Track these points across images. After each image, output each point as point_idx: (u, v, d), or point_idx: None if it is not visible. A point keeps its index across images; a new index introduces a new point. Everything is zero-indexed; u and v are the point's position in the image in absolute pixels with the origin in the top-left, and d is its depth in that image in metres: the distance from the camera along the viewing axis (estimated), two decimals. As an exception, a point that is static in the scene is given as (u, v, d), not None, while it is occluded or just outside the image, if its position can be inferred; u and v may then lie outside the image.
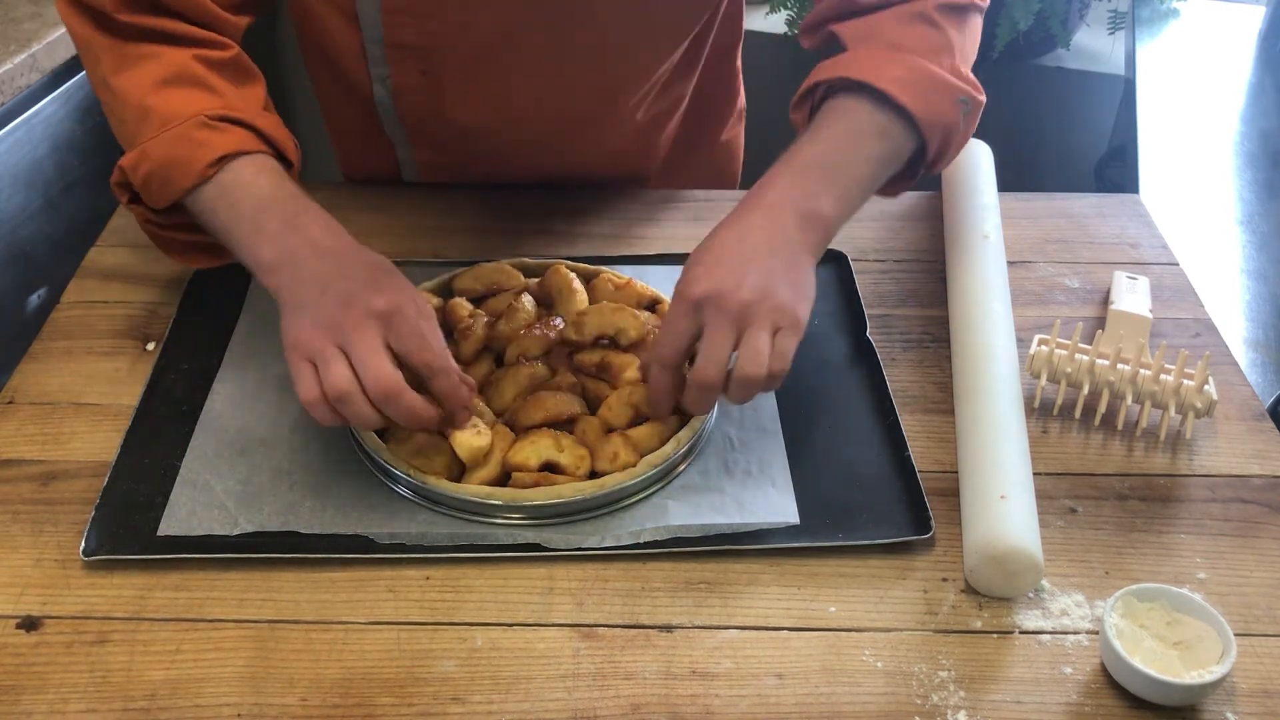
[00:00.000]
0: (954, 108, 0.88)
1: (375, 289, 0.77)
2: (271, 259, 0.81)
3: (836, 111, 0.88)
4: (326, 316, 0.76)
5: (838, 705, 0.69)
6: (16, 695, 0.69)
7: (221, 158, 0.83)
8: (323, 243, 0.81)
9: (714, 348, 0.77)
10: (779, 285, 0.78)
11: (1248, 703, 0.69)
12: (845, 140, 0.87)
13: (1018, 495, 0.77)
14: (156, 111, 0.84)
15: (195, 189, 0.83)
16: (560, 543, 0.78)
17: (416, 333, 0.77)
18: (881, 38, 0.89)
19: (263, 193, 0.83)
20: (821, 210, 0.83)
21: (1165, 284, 1.05)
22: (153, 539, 0.78)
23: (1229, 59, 1.87)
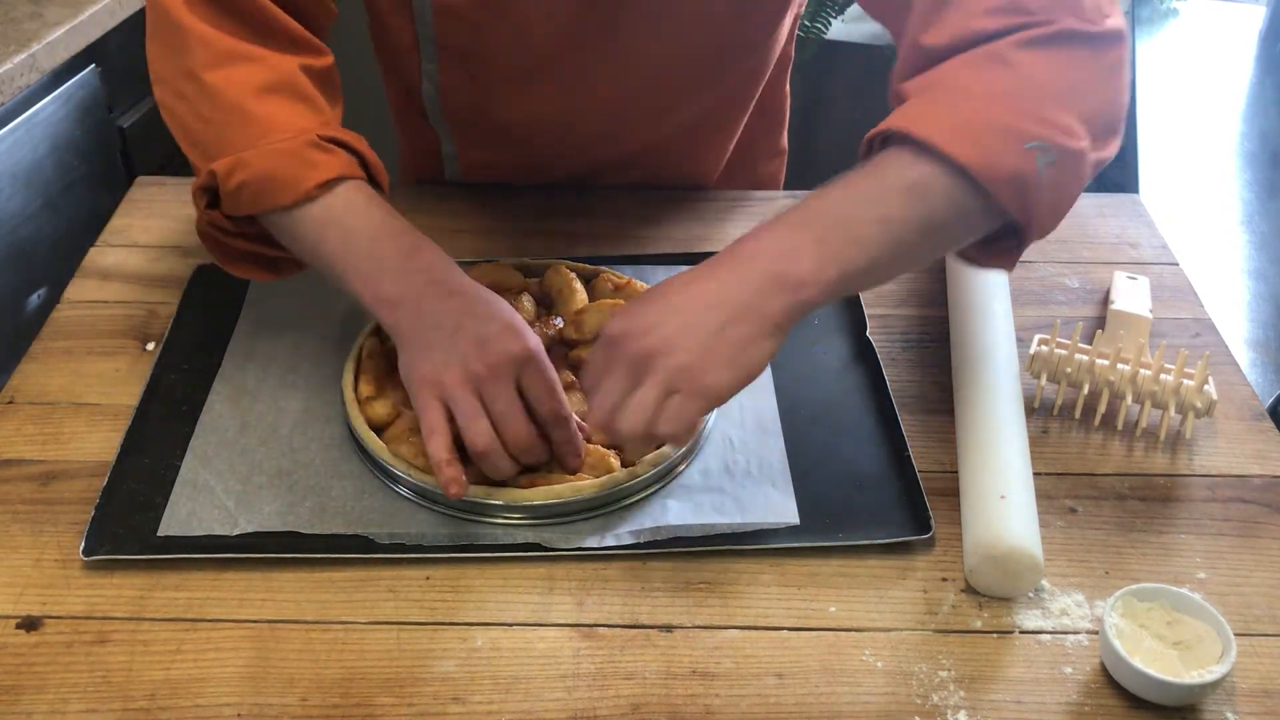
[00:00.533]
0: (1021, 154, 0.72)
1: (512, 333, 0.77)
2: (393, 294, 0.79)
3: (868, 166, 0.76)
4: (460, 359, 0.76)
5: (838, 705, 0.69)
6: (16, 695, 0.69)
7: (329, 180, 0.81)
8: (448, 281, 0.80)
9: (601, 392, 0.74)
10: (695, 343, 0.71)
11: (1248, 703, 0.69)
12: (858, 195, 0.75)
13: (1018, 495, 0.77)
14: (259, 119, 0.82)
15: (293, 208, 0.81)
16: (560, 543, 0.78)
17: (549, 382, 0.78)
18: (942, 86, 0.77)
19: (376, 222, 0.82)
20: (798, 273, 0.72)
21: (1165, 284, 1.05)
22: (153, 539, 0.78)
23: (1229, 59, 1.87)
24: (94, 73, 1.58)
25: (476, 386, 0.76)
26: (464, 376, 0.76)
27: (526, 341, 0.77)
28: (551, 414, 0.78)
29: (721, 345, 0.71)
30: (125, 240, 1.09)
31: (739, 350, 0.71)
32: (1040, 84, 0.75)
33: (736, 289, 0.72)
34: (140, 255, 1.07)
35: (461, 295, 0.79)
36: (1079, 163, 0.75)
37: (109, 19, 1.57)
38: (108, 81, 1.61)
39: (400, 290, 0.79)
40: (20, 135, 1.44)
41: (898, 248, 0.74)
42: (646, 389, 0.71)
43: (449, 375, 0.76)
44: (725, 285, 0.73)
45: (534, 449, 0.78)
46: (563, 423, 0.79)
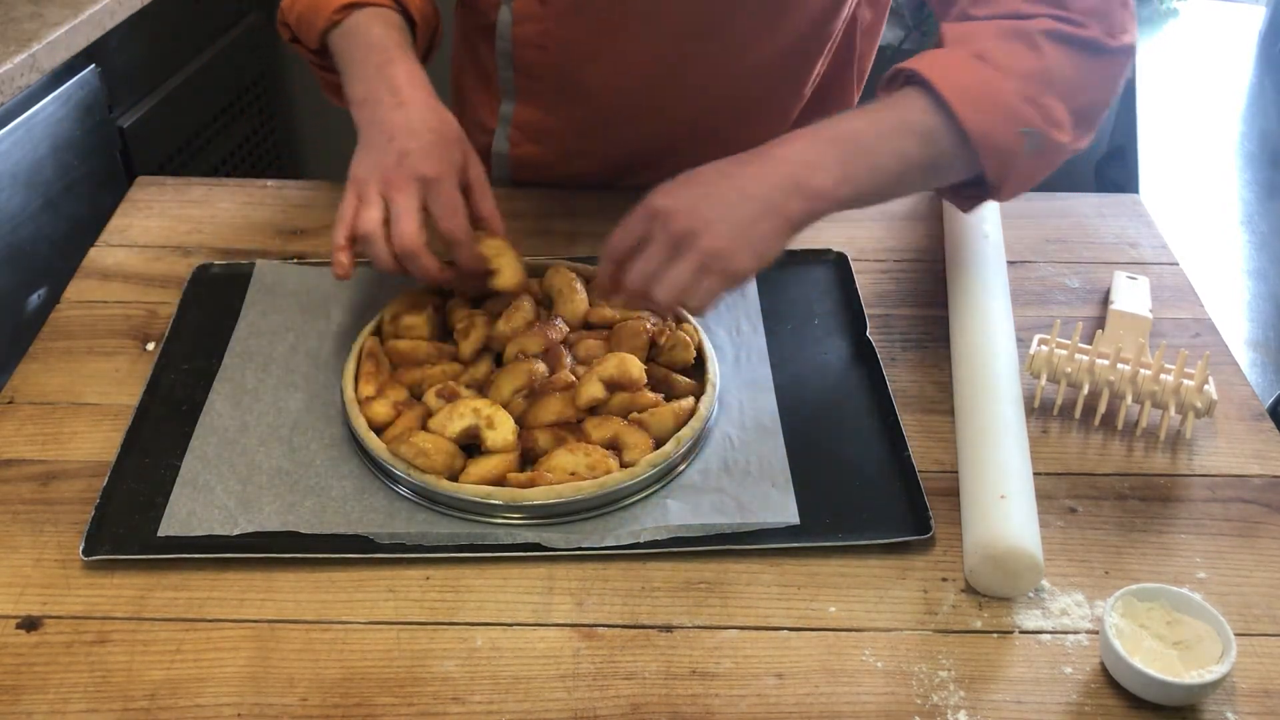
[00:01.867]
0: (1016, 136, 0.83)
1: (427, 154, 0.86)
2: (359, 96, 0.91)
3: (894, 100, 0.86)
4: (382, 166, 0.86)
5: (838, 705, 0.69)
6: (16, 695, 0.69)
7: (348, 4, 0.94)
8: (403, 92, 0.90)
9: (644, 259, 0.81)
10: (729, 230, 0.79)
11: (1248, 702, 0.69)
12: (883, 129, 0.84)
13: (1018, 495, 0.77)
14: None
15: (327, 31, 0.95)
16: (560, 543, 0.78)
17: (449, 204, 0.86)
18: (973, 44, 0.86)
19: (370, 38, 0.93)
20: (818, 184, 0.81)
21: (1165, 284, 1.05)
22: (153, 539, 0.78)
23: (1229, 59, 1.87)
24: (94, 73, 1.58)
25: (385, 191, 0.85)
26: (378, 180, 0.86)
27: (439, 165, 0.86)
28: (448, 232, 0.86)
29: (750, 235, 0.79)
30: (125, 240, 1.09)
31: (762, 241, 0.80)
32: (1052, 76, 0.84)
33: (766, 187, 0.81)
34: (140, 255, 1.07)
35: (408, 107, 0.89)
36: (1058, 153, 0.86)
37: (109, 19, 1.57)
38: (108, 81, 1.61)
39: (364, 93, 0.91)
40: (20, 135, 1.44)
41: (902, 179, 0.86)
42: (683, 265, 0.79)
43: (370, 176, 0.86)
44: (757, 182, 0.81)
45: (417, 254, 0.84)
46: (464, 244, 0.87)
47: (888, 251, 1.09)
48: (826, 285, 1.03)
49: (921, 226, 1.12)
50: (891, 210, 1.14)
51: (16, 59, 1.38)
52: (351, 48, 0.94)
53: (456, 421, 0.81)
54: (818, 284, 1.03)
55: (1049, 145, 0.85)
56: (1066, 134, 0.85)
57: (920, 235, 1.11)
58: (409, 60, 0.93)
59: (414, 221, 0.84)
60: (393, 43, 0.94)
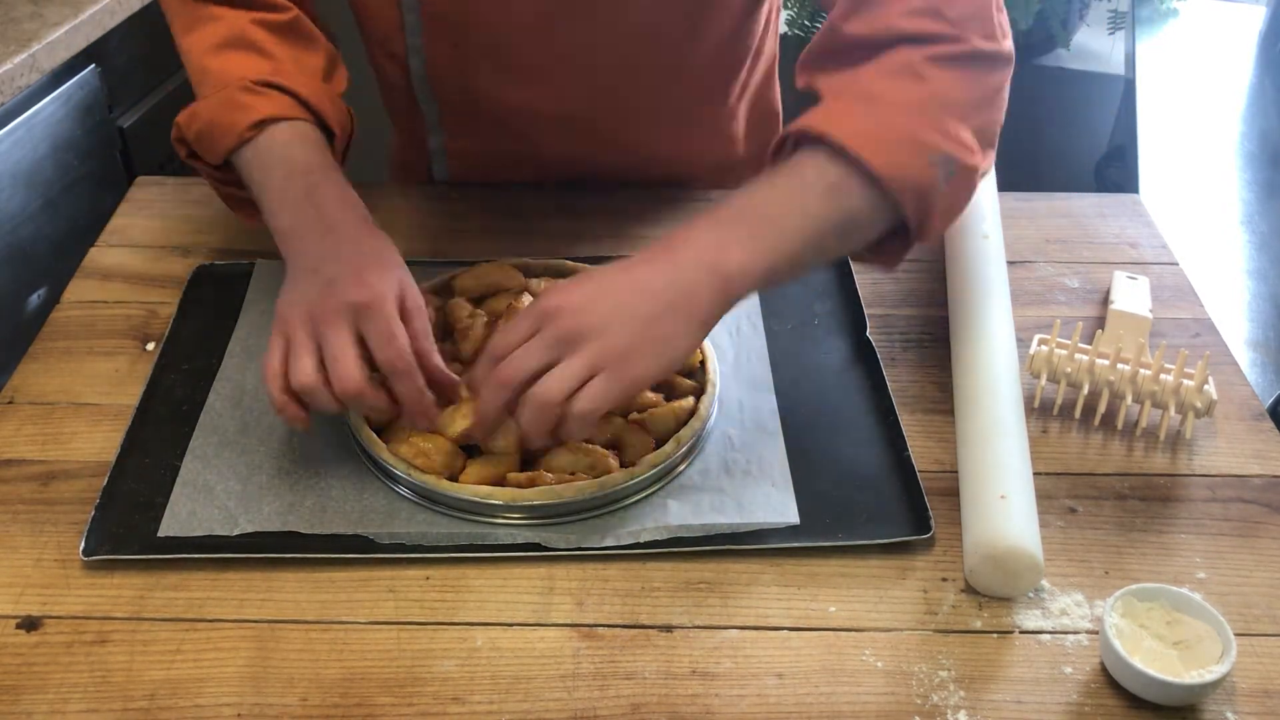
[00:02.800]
0: (928, 166, 0.78)
1: (358, 279, 0.78)
2: (285, 228, 0.84)
3: (789, 165, 0.81)
4: (308, 300, 0.78)
5: (838, 705, 0.69)
6: (16, 695, 0.69)
7: (260, 121, 0.87)
8: (332, 218, 0.83)
9: (523, 355, 0.73)
10: (625, 330, 0.72)
11: (1247, 702, 0.69)
12: (784, 194, 0.79)
13: (1018, 495, 0.77)
14: (212, 73, 0.90)
15: (235, 150, 0.88)
16: (560, 543, 0.78)
17: (385, 332, 0.77)
18: (855, 88, 0.82)
19: (292, 160, 0.87)
20: (727, 265, 0.75)
21: (1165, 284, 1.05)
22: (153, 539, 0.78)
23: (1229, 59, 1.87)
24: (94, 73, 1.58)
25: (314, 328, 0.77)
26: (304, 316, 0.78)
27: (370, 290, 0.77)
28: (386, 363, 0.77)
29: (652, 334, 0.73)
30: (125, 240, 1.09)
31: (666, 342, 0.74)
32: (947, 100, 0.81)
33: (670, 279, 0.75)
34: (140, 255, 1.07)
35: (334, 234, 0.83)
36: (972, 176, 0.82)
37: (109, 19, 1.57)
38: (108, 81, 1.61)
39: (290, 223, 0.84)
40: (20, 135, 1.44)
41: (818, 244, 0.79)
42: (572, 363, 0.72)
43: (293, 313, 0.78)
44: (659, 274, 0.75)
45: (363, 395, 0.76)
46: (403, 375, 0.77)
47: (888, 251, 1.09)
48: (826, 285, 1.03)
49: (921, 226, 1.12)
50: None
51: (16, 59, 1.39)
52: (269, 171, 0.87)
53: (459, 422, 0.81)
54: (818, 284, 1.03)
55: (961, 169, 0.80)
56: (975, 155, 0.81)
57: (920, 235, 1.11)
58: (337, 183, 0.86)
59: (351, 362, 0.76)
60: (316, 164, 0.87)
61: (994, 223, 1.05)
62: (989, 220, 1.05)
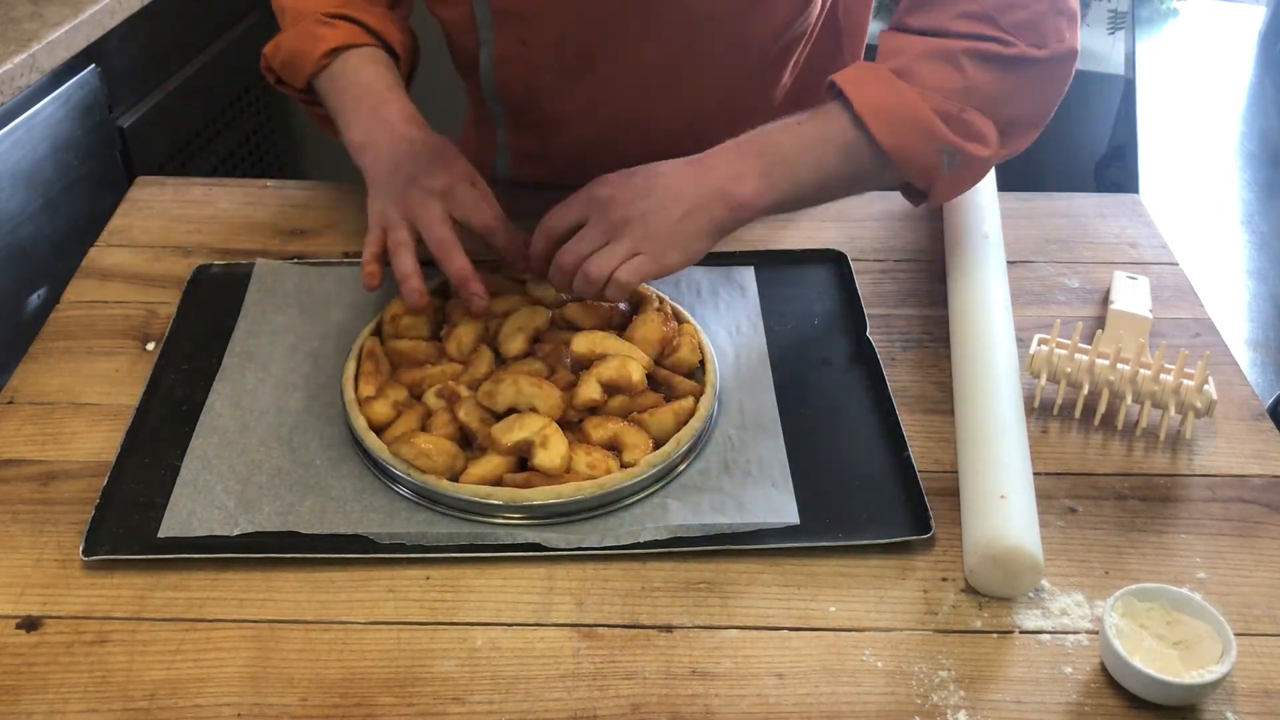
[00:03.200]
0: (934, 154, 0.88)
1: (437, 170, 0.90)
2: (359, 140, 0.94)
3: (818, 113, 0.90)
4: (394, 195, 0.89)
5: (838, 705, 0.69)
6: (16, 695, 0.69)
7: (333, 49, 0.97)
8: (399, 128, 0.93)
9: (580, 240, 0.86)
10: (663, 223, 0.85)
11: (1247, 702, 0.69)
12: (806, 141, 0.89)
13: (1018, 495, 0.77)
14: (289, 8, 1.01)
15: (314, 75, 0.98)
16: (560, 543, 0.78)
17: (472, 202, 0.90)
18: (897, 59, 0.90)
19: (362, 81, 0.96)
20: (741, 194, 0.87)
21: (1165, 284, 1.05)
22: (153, 539, 0.78)
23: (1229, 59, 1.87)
24: (94, 73, 1.58)
25: (406, 214, 0.89)
26: (400, 209, 0.89)
27: (448, 175, 0.90)
28: (483, 225, 0.90)
29: (679, 231, 0.86)
30: (125, 240, 1.09)
31: (689, 240, 0.86)
32: (974, 92, 0.88)
33: (695, 191, 0.87)
34: (140, 255, 1.07)
35: (405, 141, 0.93)
36: (979, 166, 0.91)
37: (109, 19, 1.57)
38: (108, 81, 1.61)
39: (365, 136, 0.94)
40: (20, 135, 1.44)
41: (823, 188, 0.92)
42: (618, 245, 0.85)
43: (390, 208, 0.89)
44: (689, 184, 0.87)
45: (454, 256, 0.87)
46: (494, 232, 0.90)
47: (888, 251, 1.09)
48: (826, 285, 1.03)
49: (922, 226, 1.12)
50: (891, 210, 1.14)
51: (16, 59, 1.38)
52: (342, 93, 0.97)
53: (517, 432, 0.81)
54: (818, 284, 1.03)
55: (969, 160, 0.89)
56: (988, 147, 0.89)
57: (920, 235, 1.11)
58: (402, 100, 0.96)
59: (444, 225, 0.87)
60: (383, 84, 0.97)
61: (994, 223, 1.05)
62: (989, 220, 1.05)
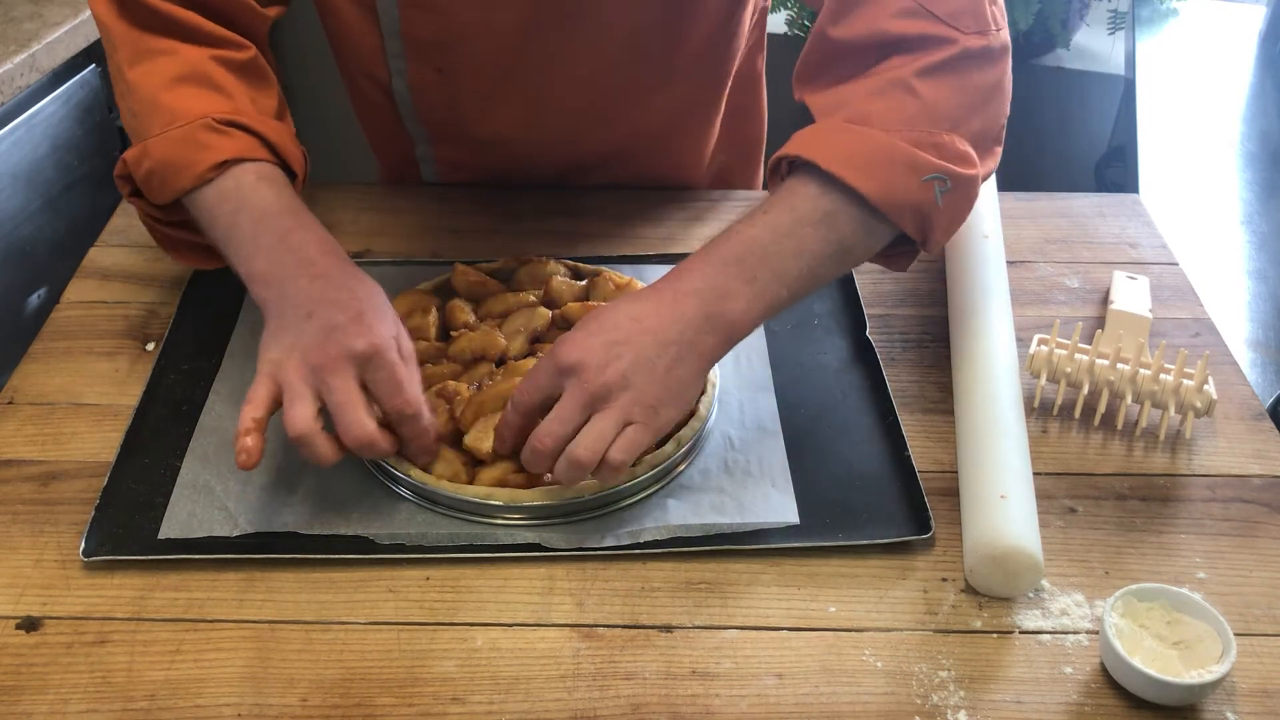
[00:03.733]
0: (922, 187, 0.79)
1: (359, 327, 0.76)
2: (263, 272, 0.80)
3: (783, 194, 0.81)
4: (306, 347, 0.76)
5: (838, 705, 0.69)
6: (16, 695, 0.69)
7: (224, 162, 0.83)
8: (317, 263, 0.80)
9: (555, 420, 0.75)
10: (650, 382, 0.75)
11: (1247, 702, 0.69)
12: (781, 230, 0.79)
13: (1018, 495, 0.77)
14: (165, 108, 0.84)
15: (195, 190, 0.83)
16: (560, 543, 0.78)
17: (393, 379, 0.76)
18: (845, 110, 0.82)
19: (264, 202, 0.83)
20: (730, 312, 0.77)
21: (1165, 284, 1.05)
22: (153, 540, 0.78)
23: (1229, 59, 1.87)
24: (94, 73, 1.58)
25: (314, 377, 0.75)
26: (302, 364, 0.75)
27: (373, 337, 0.76)
28: (395, 411, 0.76)
29: (670, 383, 0.76)
30: (125, 240, 1.09)
31: (683, 388, 0.77)
32: (939, 113, 0.80)
33: (679, 328, 0.76)
34: (140, 255, 1.07)
35: (325, 279, 0.79)
36: (971, 187, 0.82)
37: (109, 19, 1.57)
38: (108, 81, 1.61)
39: (270, 268, 0.80)
40: (20, 135, 1.44)
41: (814, 276, 0.81)
42: (604, 419, 0.74)
43: (289, 360, 0.76)
44: (668, 324, 0.77)
45: (372, 444, 0.75)
46: (409, 420, 0.77)
47: (888, 251, 1.09)
48: (827, 286, 1.03)
49: (921, 226, 1.12)
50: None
51: (16, 59, 1.39)
52: (237, 215, 0.82)
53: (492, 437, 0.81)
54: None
55: (960, 182, 0.80)
56: (973, 165, 0.81)
57: (920, 235, 1.11)
58: (314, 226, 0.84)
59: (361, 410, 0.75)
60: (288, 207, 0.84)
61: (994, 223, 1.05)
62: (989, 220, 1.05)
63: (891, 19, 0.81)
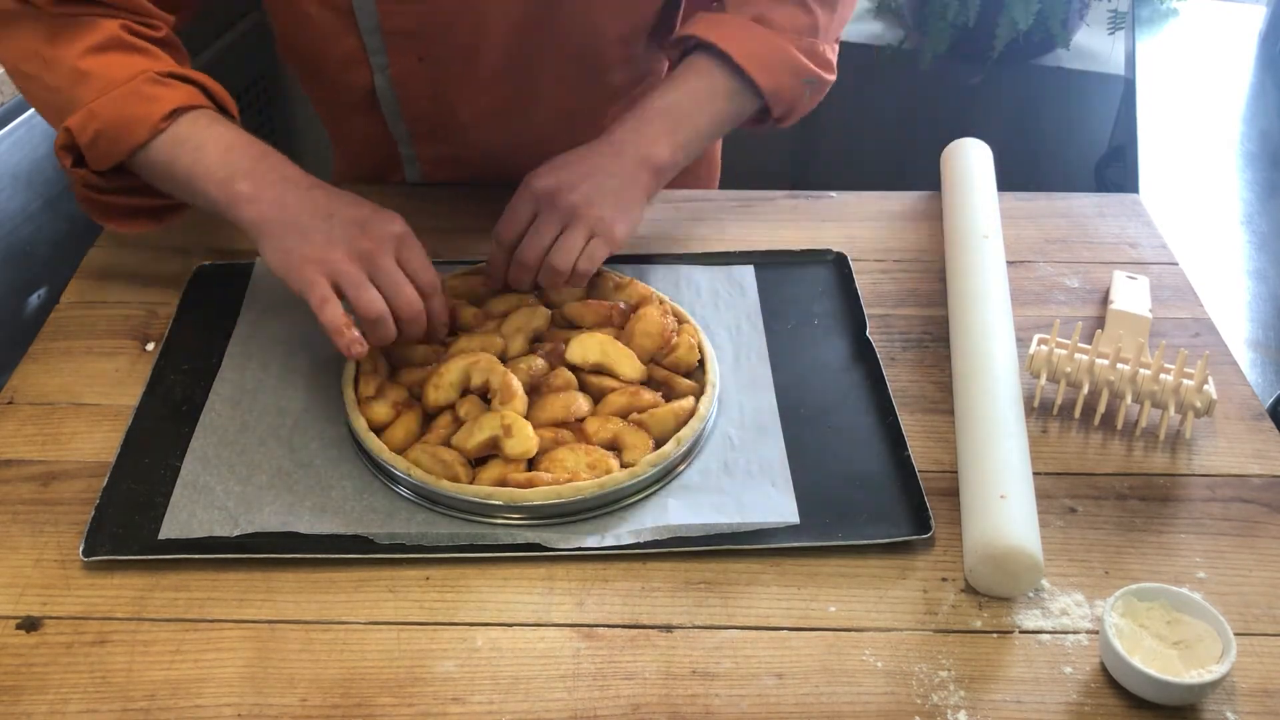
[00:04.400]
0: (800, 86, 1.00)
1: (383, 215, 0.86)
2: (250, 191, 0.84)
3: (693, 68, 0.98)
4: (348, 239, 0.83)
5: (838, 705, 0.69)
6: (16, 695, 0.69)
7: (174, 110, 0.86)
8: (301, 180, 0.87)
9: (536, 236, 0.90)
10: (607, 201, 0.91)
11: (1247, 702, 0.69)
12: (694, 97, 0.98)
13: (1018, 495, 0.77)
14: (95, 74, 0.87)
15: (147, 143, 0.86)
16: (560, 543, 0.78)
17: (423, 257, 0.86)
18: (753, 8, 0.98)
19: (226, 138, 0.87)
20: (658, 156, 0.94)
21: (1165, 284, 1.05)
22: (153, 540, 0.78)
23: (1229, 59, 1.87)
24: (94, 73, 1.58)
25: (365, 262, 0.83)
26: (350, 253, 0.82)
27: (400, 222, 0.86)
28: (429, 284, 0.86)
29: (621, 203, 0.92)
30: (125, 240, 1.09)
31: (629, 208, 0.93)
32: (825, 27, 1.01)
33: (620, 165, 0.94)
34: (140, 255, 1.07)
35: (322, 188, 0.87)
36: (828, 86, 1.04)
37: (109, 19, 1.57)
38: (108, 81, 1.61)
39: (256, 187, 0.85)
40: (20, 135, 1.44)
41: (715, 134, 1.02)
42: (574, 233, 0.89)
43: (335, 253, 0.82)
44: (614, 160, 0.94)
45: (418, 318, 0.84)
46: (436, 294, 0.87)
47: (888, 251, 1.09)
48: (826, 285, 1.03)
49: (922, 226, 1.13)
50: (891, 210, 1.14)
51: (16, 59, 1.38)
52: (200, 152, 0.86)
53: (477, 435, 0.81)
54: (818, 284, 1.03)
55: (822, 86, 1.03)
56: (833, 70, 1.03)
57: (920, 235, 1.11)
58: (279, 154, 0.88)
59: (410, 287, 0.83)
60: (253, 140, 0.88)
61: (994, 223, 1.05)
62: (989, 220, 1.05)
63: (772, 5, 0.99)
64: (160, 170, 0.87)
